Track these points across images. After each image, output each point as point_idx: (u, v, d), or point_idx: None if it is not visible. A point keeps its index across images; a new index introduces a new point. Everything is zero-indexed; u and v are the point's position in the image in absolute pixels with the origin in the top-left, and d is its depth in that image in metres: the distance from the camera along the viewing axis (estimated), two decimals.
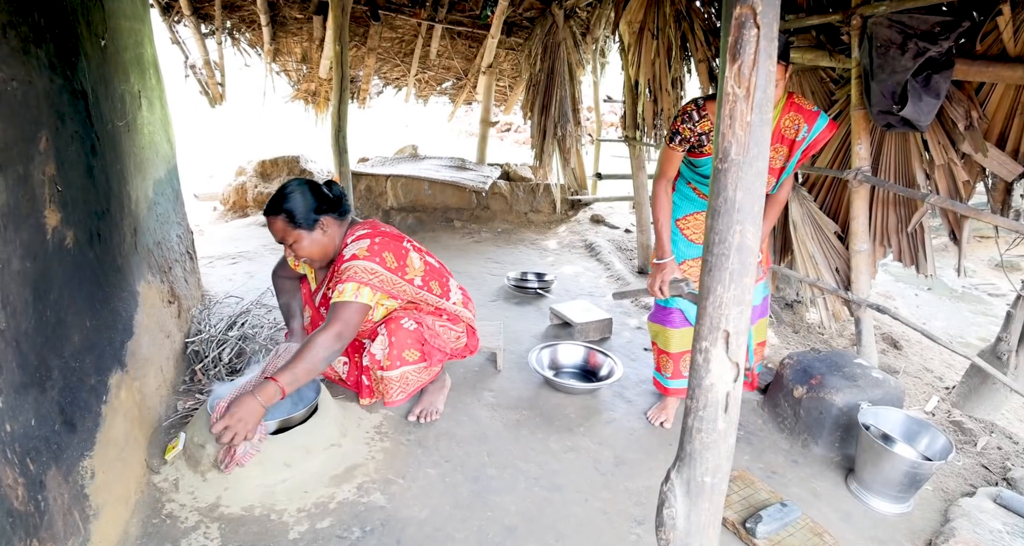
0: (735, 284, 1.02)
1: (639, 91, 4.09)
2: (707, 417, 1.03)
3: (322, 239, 2.03)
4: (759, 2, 0.99)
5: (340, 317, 1.87)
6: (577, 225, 5.46)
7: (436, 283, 2.23)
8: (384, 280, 2.00)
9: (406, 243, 2.13)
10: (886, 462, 1.90)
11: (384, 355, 2.14)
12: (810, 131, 1.82)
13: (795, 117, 1.84)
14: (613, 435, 2.34)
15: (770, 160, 1.81)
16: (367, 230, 2.06)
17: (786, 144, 1.88)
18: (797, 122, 1.84)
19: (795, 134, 1.85)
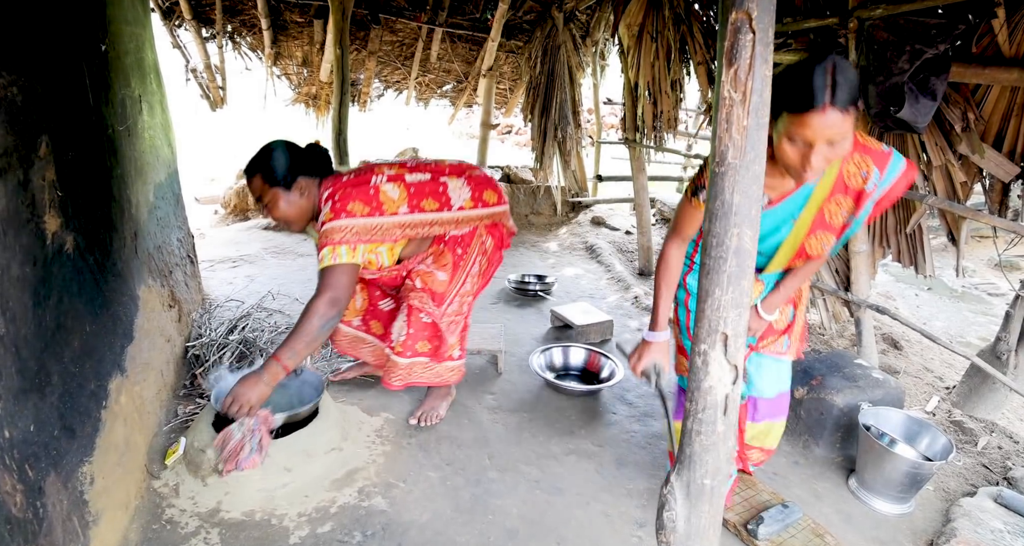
0: (733, 287, 1.02)
1: (639, 93, 4.10)
2: (706, 420, 1.04)
3: (299, 201, 1.90)
4: (755, 7, 1.00)
5: (327, 282, 1.83)
6: (578, 227, 5.47)
7: (429, 199, 2.02)
8: (359, 230, 1.86)
9: (376, 179, 1.93)
10: (887, 463, 1.90)
11: (400, 340, 2.14)
12: (882, 177, 1.39)
13: (861, 160, 1.39)
14: (614, 437, 2.34)
15: (829, 215, 1.44)
16: (330, 189, 1.90)
17: (851, 195, 1.42)
18: (864, 167, 1.40)
19: (862, 182, 1.40)
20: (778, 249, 1.53)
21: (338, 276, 1.84)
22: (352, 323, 2.42)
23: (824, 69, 1.17)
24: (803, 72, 1.20)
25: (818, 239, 1.48)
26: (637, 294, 3.84)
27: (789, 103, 1.22)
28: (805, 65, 1.21)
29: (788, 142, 1.26)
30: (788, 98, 1.22)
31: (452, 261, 2.14)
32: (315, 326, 1.78)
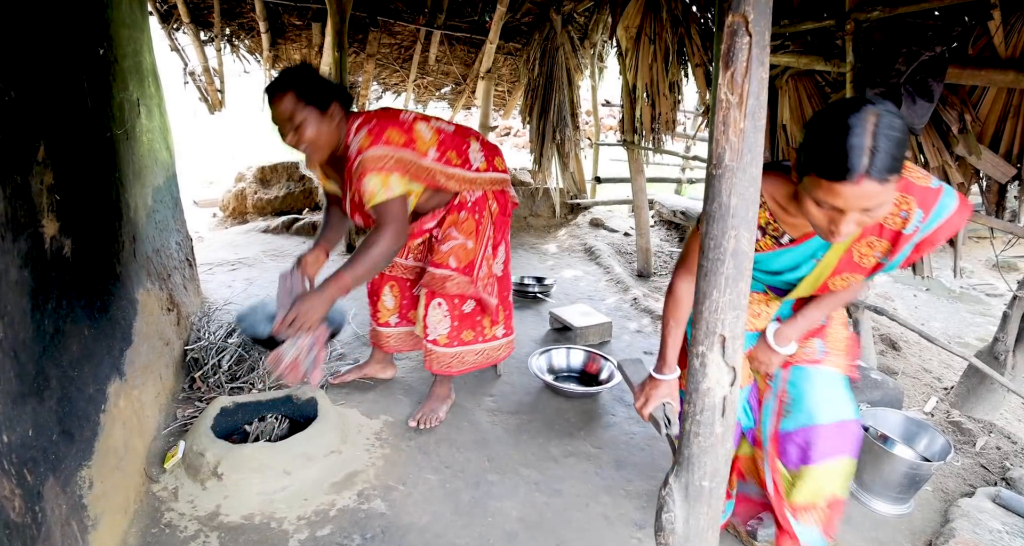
0: (730, 289, 1.03)
1: (637, 95, 4.11)
2: (704, 421, 1.04)
3: (330, 127, 1.81)
4: (751, 10, 1.00)
5: (389, 216, 1.79)
6: (576, 229, 5.47)
7: (453, 152, 2.01)
8: (400, 160, 1.82)
9: (406, 116, 1.93)
10: (885, 463, 1.90)
11: (443, 333, 2.20)
12: (926, 219, 1.17)
13: (902, 199, 1.18)
14: (613, 439, 2.34)
15: (859, 257, 1.27)
16: (360, 120, 1.86)
17: (886, 236, 1.23)
18: (905, 207, 1.18)
19: (901, 224, 1.20)
20: (797, 284, 1.37)
21: (397, 208, 1.81)
22: (391, 323, 2.45)
23: (864, 128, 0.98)
24: (837, 128, 1.01)
25: (844, 279, 1.32)
26: (636, 296, 3.84)
27: (818, 165, 1.04)
28: (840, 117, 1.01)
29: (814, 205, 1.08)
30: (817, 158, 1.04)
31: (475, 226, 2.14)
32: (380, 255, 1.78)
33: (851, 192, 1.01)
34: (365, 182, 1.78)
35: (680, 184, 6.65)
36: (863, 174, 0.99)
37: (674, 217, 5.34)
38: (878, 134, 0.98)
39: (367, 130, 1.81)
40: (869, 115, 0.99)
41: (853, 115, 1.00)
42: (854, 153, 0.98)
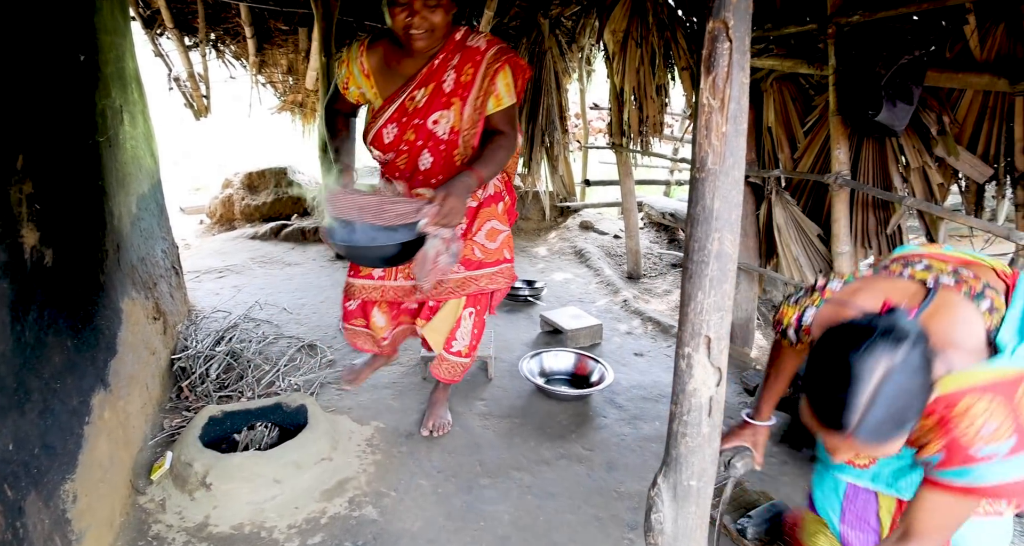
0: (715, 291, 1.04)
1: (624, 98, 4.13)
2: (691, 422, 1.05)
3: (448, 23, 1.78)
4: (731, 16, 1.02)
5: (511, 125, 1.86)
6: (566, 232, 5.48)
7: None
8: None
9: None
10: None
11: (466, 344, 2.16)
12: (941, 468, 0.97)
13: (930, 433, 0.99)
14: (604, 441, 2.34)
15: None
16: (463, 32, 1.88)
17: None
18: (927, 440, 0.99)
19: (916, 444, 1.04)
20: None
21: (516, 117, 1.90)
22: (387, 337, 2.29)
23: (866, 382, 0.86)
24: (839, 372, 0.89)
25: None
26: (626, 297, 3.86)
27: (812, 402, 0.96)
28: (846, 356, 0.89)
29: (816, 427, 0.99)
30: (812, 394, 0.96)
31: (506, 211, 2.12)
32: (505, 158, 1.83)
33: (840, 441, 0.93)
34: (499, 79, 1.81)
35: (669, 186, 6.68)
36: (851, 433, 0.90)
37: (663, 219, 5.36)
38: (879, 395, 0.86)
39: (489, 40, 1.86)
40: (878, 365, 0.86)
41: (861, 358, 0.87)
42: (848, 410, 0.88)
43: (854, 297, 1.12)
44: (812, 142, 2.81)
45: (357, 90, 1.91)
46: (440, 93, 1.83)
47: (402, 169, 1.95)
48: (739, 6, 1.02)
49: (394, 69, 1.87)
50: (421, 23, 1.70)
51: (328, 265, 4.45)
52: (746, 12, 1.03)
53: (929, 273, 1.13)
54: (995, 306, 1.04)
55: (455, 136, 1.87)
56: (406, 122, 1.85)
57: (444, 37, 1.80)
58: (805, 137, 2.85)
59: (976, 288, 1.07)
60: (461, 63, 1.82)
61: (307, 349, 2.98)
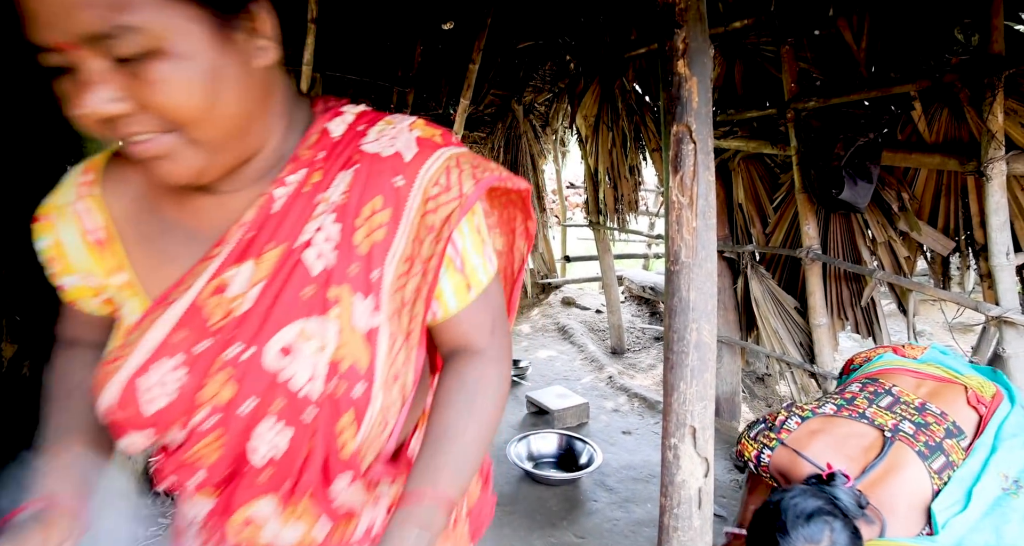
0: (696, 380, 1.05)
1: (599, 179, 4.31)
2: (682, 515, 1.03)
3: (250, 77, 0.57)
4: (693, 121, 1.10)
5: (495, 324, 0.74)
6: (549, 308, 5.52)
7: None
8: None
9: None
10: None
11: None
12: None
13: None
14: (597, 527, 2.26)
15: None
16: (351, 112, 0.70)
17: None
18: None
19: None
20: None
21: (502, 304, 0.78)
22: None
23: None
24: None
25: None
26: (611, 374, 3.84)
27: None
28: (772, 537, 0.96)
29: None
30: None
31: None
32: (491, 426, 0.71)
33: None
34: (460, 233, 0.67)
35: (647, 259, 6.85)
36: None
37: (643, 292, 5.45)
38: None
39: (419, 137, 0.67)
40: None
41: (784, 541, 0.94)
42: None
43: (809, 445, 1.14)
44: (782, 218, 2.93)
45: (88, 287, 0.70)
46: (298, 276, 0.62)
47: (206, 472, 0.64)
48: (700, 111, 1.11)
49: (173, 221, 0.66)
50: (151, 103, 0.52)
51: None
52: (707, 117, 1.12)
53: (891, 417, 1.14)
54: (951, 461, 1.08)
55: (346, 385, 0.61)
56: (208, 353, 0.62)
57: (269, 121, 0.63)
58: (775, 212, 2.98)
59: (934, 439, 1.09)
60: (354, 196, 0.63)
61: None
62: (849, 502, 0.97)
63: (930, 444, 1.07)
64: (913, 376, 1.24)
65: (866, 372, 1.34)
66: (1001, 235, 1.99)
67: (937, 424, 1.11)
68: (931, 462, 1.06)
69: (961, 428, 1.11)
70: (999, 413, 1.12)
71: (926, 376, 1.23)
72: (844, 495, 0.97)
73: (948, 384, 1.20)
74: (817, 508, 0.95)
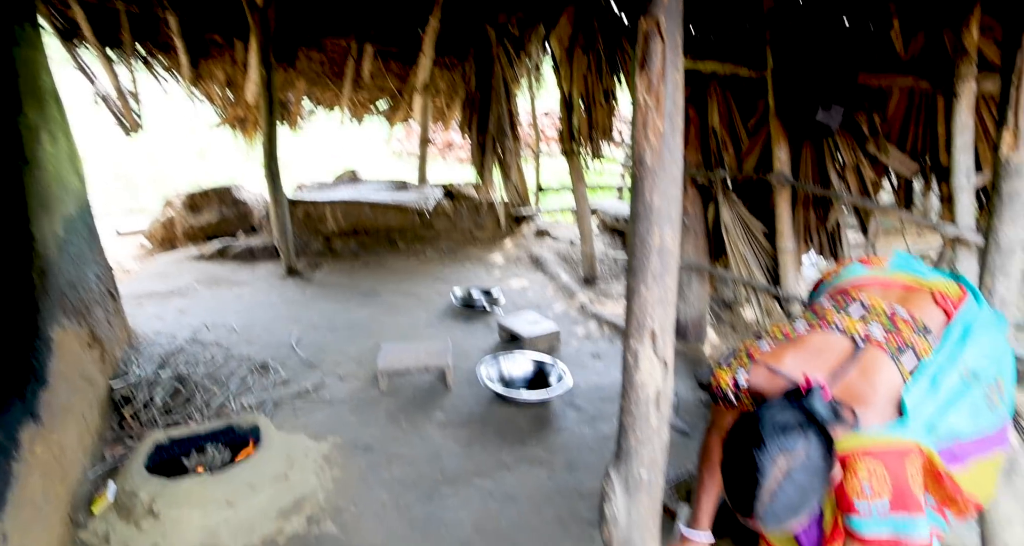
0: (657, 284, 1.06)
1: (573, 105, 4.19)
2: (640, 415, 1.06)
3: None
4: (663, 16, 1.05)
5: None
6: (522, 239, 5.51)
7: None
8: None
9: None
10: None
11: None
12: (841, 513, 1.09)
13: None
14: (565, 443, 2.35)
15: None
16: None
17: None
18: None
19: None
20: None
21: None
22: None
23: (768, 479, 0.95)
24: (746, 470, 0.98)
25: None
26: (583, 302, 3.90)
27: (726, 490, 1.03)
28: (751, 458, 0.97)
29: None
30: (726, 484, 1.03)
31: None
32: None
33: (750, 521, 1.01)
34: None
35: (622, 190, 6.82)
36: (754, 518, 0.98)
37: (617, 223, 5.46)
38: (780, 491, 0.95)
39: None
40: (778, 464, 0.95)
41: (764, 457, 0.96)
42: (754, 501, 0.97)
43: (784, 361, 1.14)
44: (755, 143, 2.91)
45: None
46: None
47: None
48: (670, 6, 1.06)
49: None
50: None
51: (278, 282, 4.33)
52: (677, 11, 1.07)
53: (862, 325, 1.16)
54: (920, 356, 1.12)
55: None
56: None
57: None
58: (749, 139, 2.95)
59: (903, 340, 1.13)
60: None
61: (258, 369, 2.89)
62: (826, 412, 0.99)
63: (900, 345, 1.12)
64: (881, 286, 1.26)
65: (835, 286, 1.36)
66: (964, 156, 2.01)
67: (906, 325, 1.14)
68: (902, 360, 1.10)
69: (929, 328, 1.15)
70: (964, 310, 1.17)
71: (894, 285, 1.26)
72: (821, 406, 1.00)
73: (915, 290, 1.23)
74: (793, 419, 0.98)
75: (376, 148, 10.24)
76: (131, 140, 4.89)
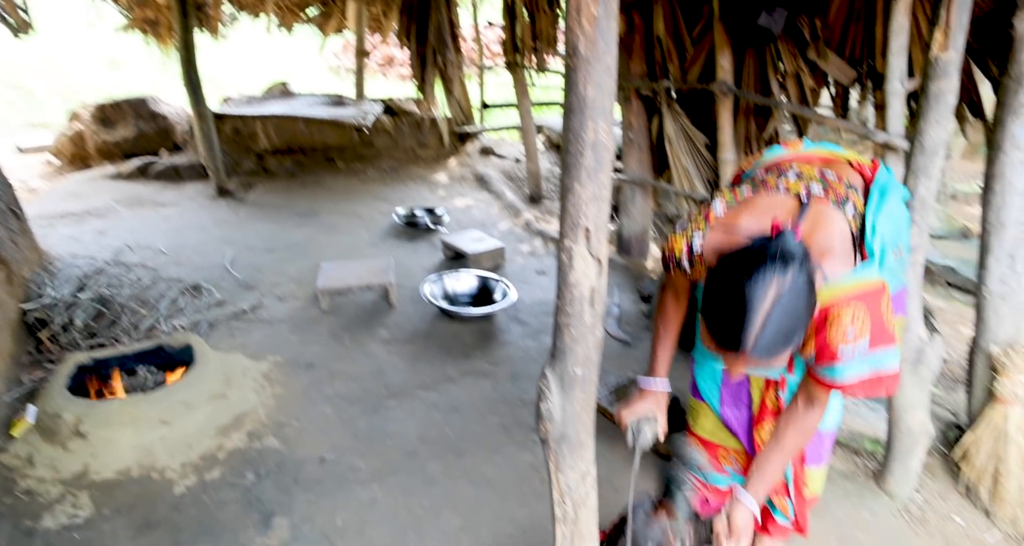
0: (592, 181, 1.03)
1: (516, 12, 3.96)
2: (574, 313, 1.06)
3: None
4: None
5: None
6: (467, 158, 5.36)
7: None
8: None
9: None
10: None
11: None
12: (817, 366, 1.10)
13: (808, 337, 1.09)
14: (509, 355, 2.40)
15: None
16: None
17: None
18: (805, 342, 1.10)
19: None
20: None
21: None
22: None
23: (758, 307, 0.92)
24: (734, 299, 0.95)
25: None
26: (528, 219, 3.88)
27: (711, 327, 1.00)
28: (740, 285, 0.94)
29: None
30: (711, 320, 1.00)
31: None
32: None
33: (738, 358, 0.98)
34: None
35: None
36: (747, 352, 0.95)
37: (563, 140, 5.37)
38: (771, 318, 0.92)
39: None
40: (769, 290, 0.92)
41: (754, 286, 0.93)
42: (743, 334, 0.93)
43: (739, 221, 1.14)
44: (699, 52, 2.85)
45: None
46: None
47: None
48: None
49: None
50: None
51: (208, 203, 4.09)
52: None
53: (801, 183, 1.19)
54: (857, 209, 1.15)
55: None
56: None
57: None
58: (693, 48, 2.88)
59: (841, 194, 1.16)
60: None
61: (191, 291, 2.77)
62: (800, 250, 0.97)
63: (839, 198, 1.16)
64: (803, 160, 1.29)
65: (762, 164, 1.38)
66: (898, 59, 2.01)
67: (838, 184, 1.19)
68: (845, 210, 1.14)
69: (855, 186, 1.21)
70: (880, 175, 1.24)
71: (814, 158, 1.30)
72: (795, 245, 0.98)
73: (834, 160, 1.29)
74: (775, 251, 0.95)
75: (309, 61, 9.51)
76: (22, 43, 4.32)
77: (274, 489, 1.64)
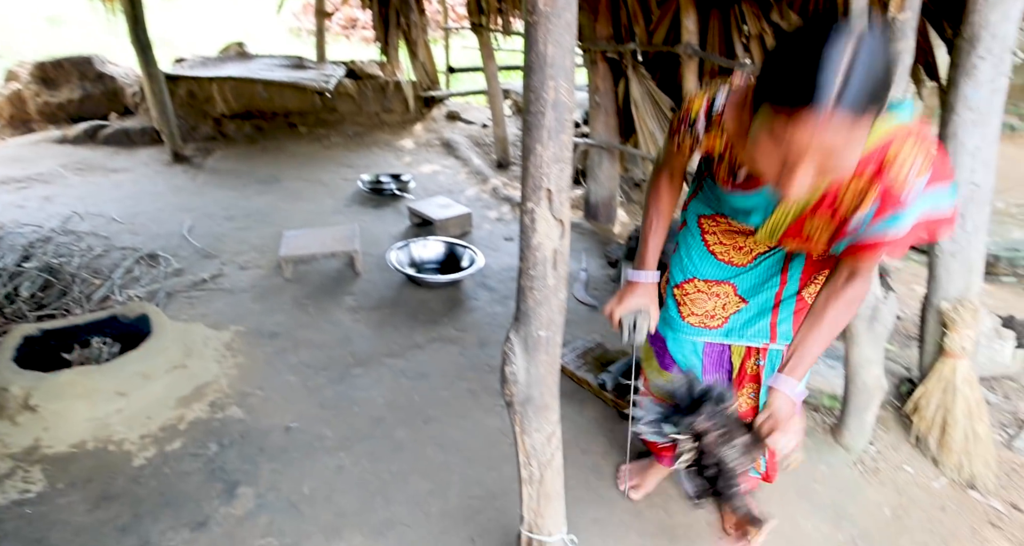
0: (553, 141, 1.01)
1: None
2: (537, 275, 1.06)
3: None
4: None
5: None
6: (433, 123, 5.24)
7: None
8: None
9: None
10: None
11: None
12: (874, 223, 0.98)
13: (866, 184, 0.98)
14: (477, 322, 2.40)
15: (811, 230, 1.08)
16: None
17: (836, 220, 1.04)
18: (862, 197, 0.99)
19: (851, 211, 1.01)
20: (758, 228, 1.17)
21: None
22: None
23: (839, 50, 0.77)
24: (806, 49, 0.80)
25: (796, 245, 1.15)
26: (495, 185, 3.84)
27: (779, 90, 0.83)
28: (811, 38, 0.80)
29: (770, 142, 0.87)
30: (778, 82, 0.83)
31: None
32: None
33: (814, 124, 0.80)
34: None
35: None
36: (832, 101, 0.78)
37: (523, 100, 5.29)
38: (856, 63, 0.77)
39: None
40: (848, 38, 0.78)
41: (828, 37, 0.79)
42: (823, 75, 0.78)
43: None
44: (665, 13, 2.80)
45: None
46: None
47: None
48: None
49: None
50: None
51: (163, 169, 3.93)
52: None
53: None
54: None
55: None
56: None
57: None
58: (659, 9, 2.84)
59: None
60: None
61: (146, 260, 2.67)
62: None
63: None
64: None
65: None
66: (859, 22, 2.02)
67: None
68: None
69: None
70: None
71: None
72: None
73: None
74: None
75: (267, 22, 9.08)
76: None
77: (238, 459, 1.63)
